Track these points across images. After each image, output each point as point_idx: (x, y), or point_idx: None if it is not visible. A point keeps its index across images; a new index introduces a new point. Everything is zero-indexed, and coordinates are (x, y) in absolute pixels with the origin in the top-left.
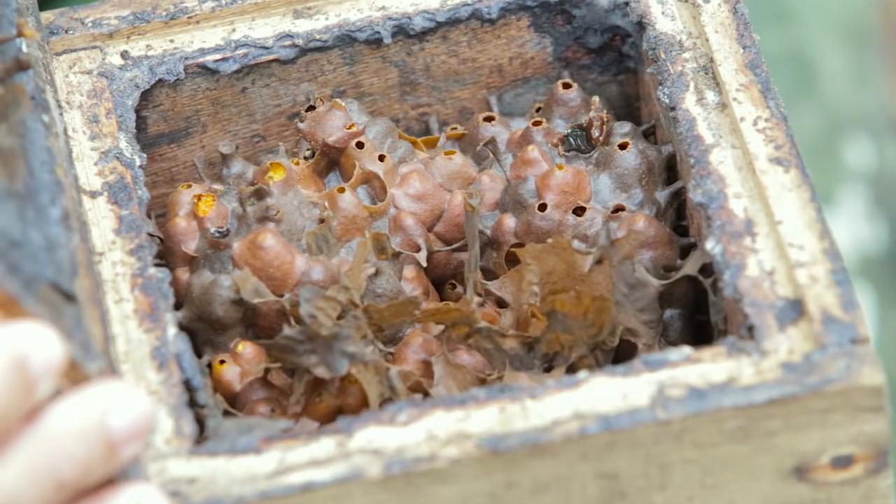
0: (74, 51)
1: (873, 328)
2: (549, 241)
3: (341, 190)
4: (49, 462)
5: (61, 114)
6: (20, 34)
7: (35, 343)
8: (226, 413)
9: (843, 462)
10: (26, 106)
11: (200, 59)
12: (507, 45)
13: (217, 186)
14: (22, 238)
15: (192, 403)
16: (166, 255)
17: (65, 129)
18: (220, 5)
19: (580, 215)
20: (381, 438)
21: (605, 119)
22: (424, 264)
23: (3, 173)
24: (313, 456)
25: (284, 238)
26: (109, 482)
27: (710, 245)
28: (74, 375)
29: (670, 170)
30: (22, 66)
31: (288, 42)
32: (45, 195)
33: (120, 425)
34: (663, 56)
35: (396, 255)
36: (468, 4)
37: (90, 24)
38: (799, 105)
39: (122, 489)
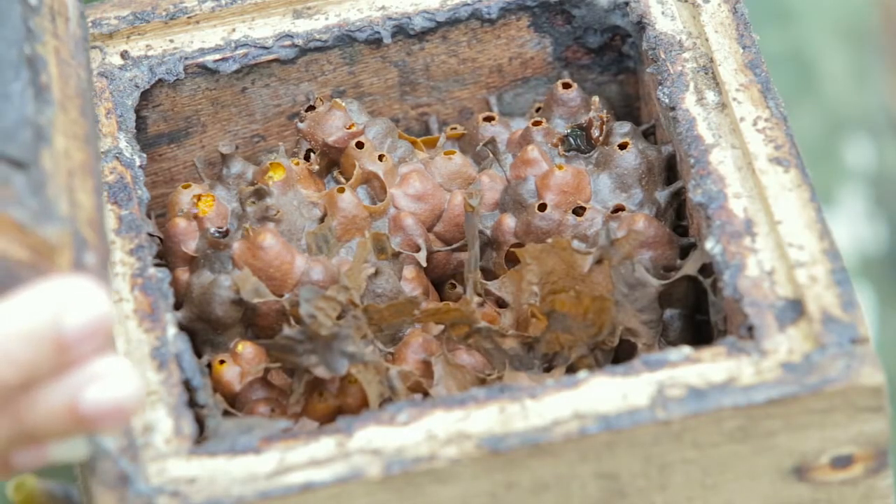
0: None
1: (873, 328)
2: (549, 241)
3: (341, 190)
4: None
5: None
6: None
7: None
8: (225, 413)
9: (842, 462)
10: None
11: (200, 59)
12: (506, 45)
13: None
14: None
15: (192, 403)
16: (166, 255)
17: (82, 14)
18: (220, 5)
19: (580, 215)
20: (381, 438)
21: (604, 119)
22: (424, 264)
23: None
24: (313, 456)
25: (284, 238)
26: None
27: (709, 245)
28: (27, 240)
29: (670, 170)
30: None
31: (288, 42)
32: (9, 71)
33: (74, 325)
34: (663, 56)
35: (396, 255)
36: (468, 4)
37: (90, 24)
38: (799, 105)
39: (91, 362)
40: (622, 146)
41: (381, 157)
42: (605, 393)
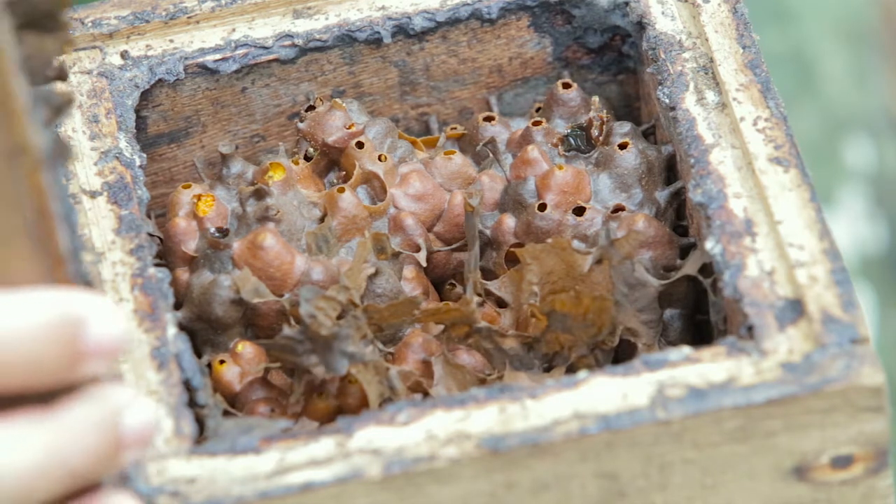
0: (74, 51)
1: (873, 328)
2: (549, 241)
3: (341, 190)
4: (64, 449)
5: None
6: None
7: (96, 313)
8: (225, 413)
9: (842, 462)
10: None
11: (200, 59)
12: (506, 45)
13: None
14: None
15: (192, 403)
16: (166, 255)
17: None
18: (220, 5)
19: (580, 215)
20: (381, 438)
21: (604, 119)
22: (424, 264)
23: None
24: (313, 456)
25: (284, 238)
26: (91, 488)
27: (709, 245)
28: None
29: (670, 170)
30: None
31: (288, 42)
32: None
33: (132, 426)
34: (663, 56)
35: (396, 255)
36: (468, 4)
37: (90, 24)
38: (799, 105)
39: (102, 495)
40: (622, 146)
41: (381, 157)
42: (605, 393)
